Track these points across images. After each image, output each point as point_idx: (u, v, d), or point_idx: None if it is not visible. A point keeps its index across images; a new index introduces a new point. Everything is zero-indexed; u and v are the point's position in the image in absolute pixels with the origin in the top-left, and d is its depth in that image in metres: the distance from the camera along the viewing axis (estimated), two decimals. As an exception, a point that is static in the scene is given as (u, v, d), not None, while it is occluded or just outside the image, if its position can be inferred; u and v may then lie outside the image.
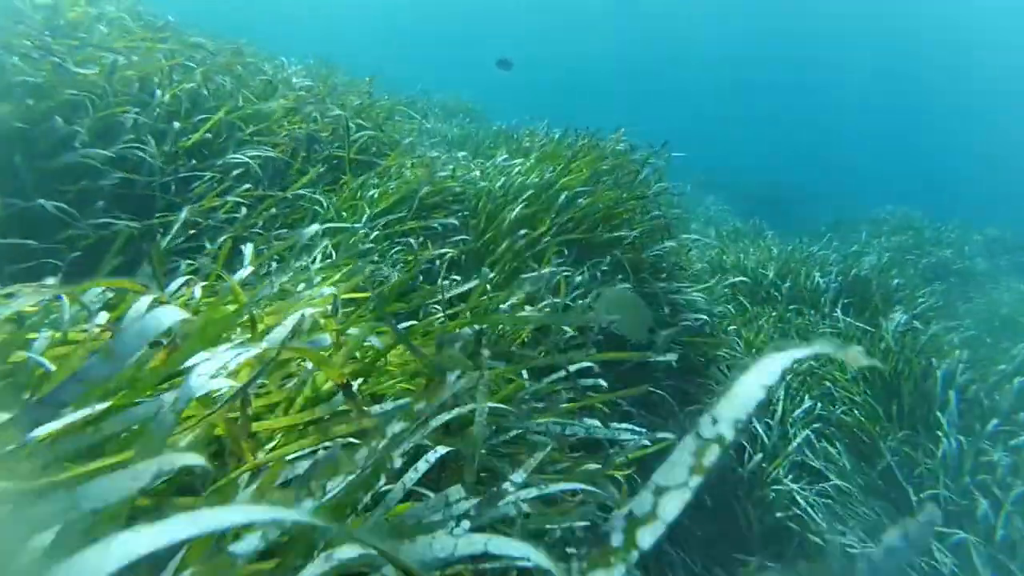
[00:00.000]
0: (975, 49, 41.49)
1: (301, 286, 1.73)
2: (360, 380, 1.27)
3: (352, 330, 1.33)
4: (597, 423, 1.48)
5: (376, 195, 2.94)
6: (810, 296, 4.15)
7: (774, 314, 3.89)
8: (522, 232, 2.81)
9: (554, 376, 1.59)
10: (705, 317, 2.97)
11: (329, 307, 1.42)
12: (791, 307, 4.04)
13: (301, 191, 2.91)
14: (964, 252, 7.58)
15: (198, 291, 1.45)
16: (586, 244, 2.90)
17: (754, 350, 3.51)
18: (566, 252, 2.87)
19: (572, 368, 1.50)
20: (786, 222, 13.15)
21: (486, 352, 1.22)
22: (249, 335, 1.23)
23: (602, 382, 1.90)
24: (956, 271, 6.94)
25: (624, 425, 1.56)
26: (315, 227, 1.90)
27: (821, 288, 4.15)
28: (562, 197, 2.96)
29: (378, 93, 8.99)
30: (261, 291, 1.50)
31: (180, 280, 1.57)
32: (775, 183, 18.67)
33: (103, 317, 1.17)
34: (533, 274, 2.69)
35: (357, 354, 1.33)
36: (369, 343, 1.28)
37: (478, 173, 3.47)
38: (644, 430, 1.55)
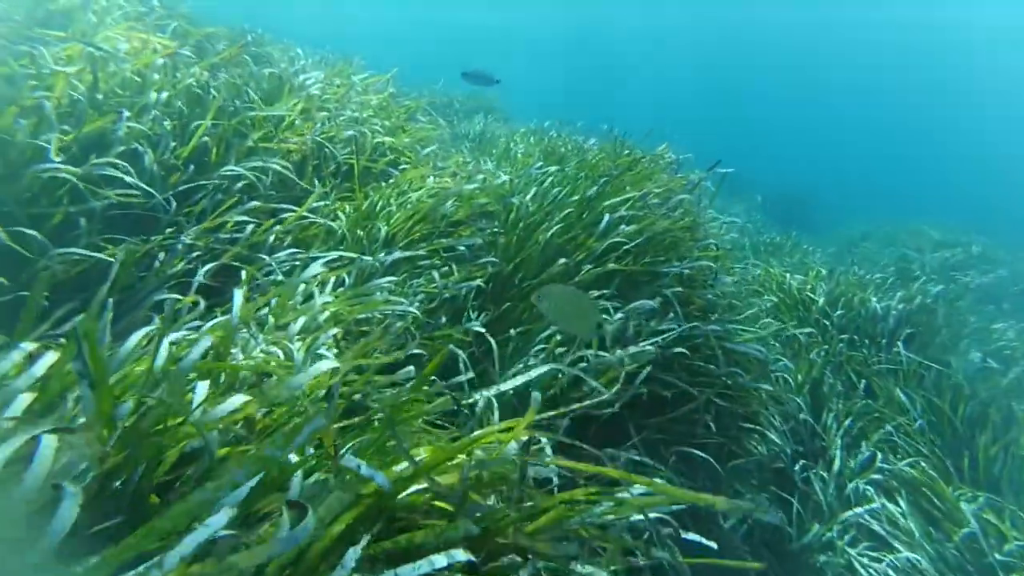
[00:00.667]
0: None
1: (296, 347, 1.47)
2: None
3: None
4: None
5: (394, 210, 2.68)
6: (865, 325, 3.82)
7: (826, 346, 3.57)
8: (560, 261, 2.54)
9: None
10: (758, 357, 2.67)
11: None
12: (843, 336, 3.71)
13: (315, 204, 2.67)
14: (1021, 273, 7.12)
15: (165, 348, 1.19)
16: (630, 276, 2.62)
17: (806, 389, 3.20)
18: (606, 285, 2.59)
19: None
20: (817, 231, 12.70)
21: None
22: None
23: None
24: (1015, 294, 6.50)
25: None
26: (316, 268, 1.65)
27: (878, 315, 3.81)
28: (604, 220, 2.67)
29: (397, 88, 8.74)
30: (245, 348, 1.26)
31: (152, 327, 1.33)
32: (800, 189, 18.20)
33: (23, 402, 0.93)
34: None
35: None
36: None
37: (507, 182, 3.20)
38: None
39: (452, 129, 7.48)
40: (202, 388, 1.03)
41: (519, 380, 1.46)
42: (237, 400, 1.02)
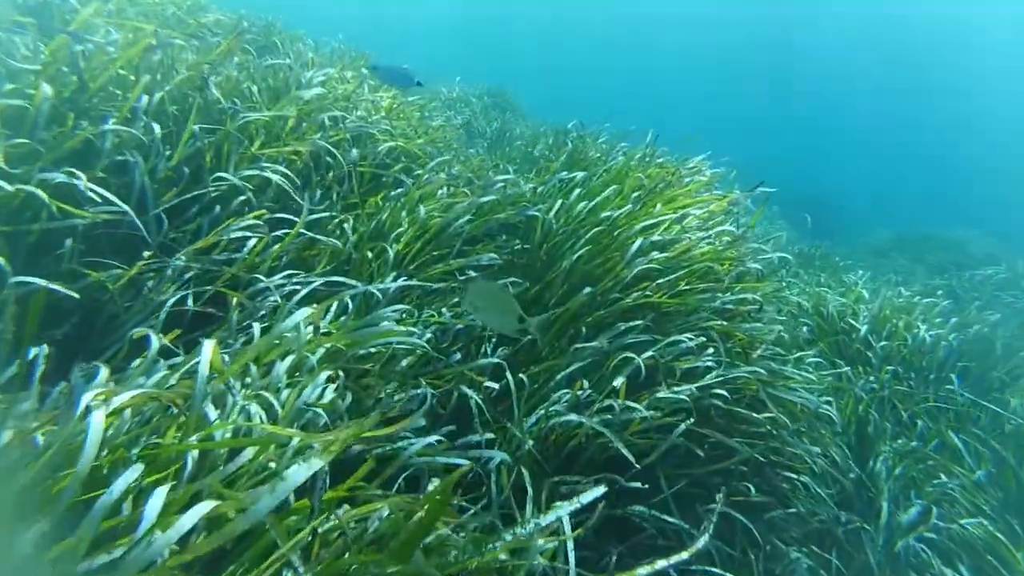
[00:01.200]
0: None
1: (284, 396, 1.27)
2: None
3: None
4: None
5: (405, 227, 2.48)
6: (912, 356, 3.55)
7: (871, 379, 3.31)
8: (585, 291, 2.31)
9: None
10: (807, 406, 2.43)
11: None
12: (888, 369, 3.44)
13: (321, 215, 2.47)
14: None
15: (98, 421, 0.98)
16: (664, 307, 2.39)
17: (853, 429, 2.95)
18: (637, 316, 2.36)
19: None
20: (839, 236, 12.28)
21: None
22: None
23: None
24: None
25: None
26: (303, 313, 1.44)
27: (927, 345, 3.53)
28: (636, 244, 2.44)
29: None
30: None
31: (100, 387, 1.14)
32: (818, 192, 17.76)
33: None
34: (594, 344, 2.21)
35: None
36: None
37: (527, 192, 2.98)
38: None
39: (468, 127, 7.26)
40: (156, 503, 0.82)
41: (552, 516, 1.25)
42: (202, 509, 0.82)
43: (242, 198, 2.25)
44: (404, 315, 2.08)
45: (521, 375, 2.05)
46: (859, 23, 42.11)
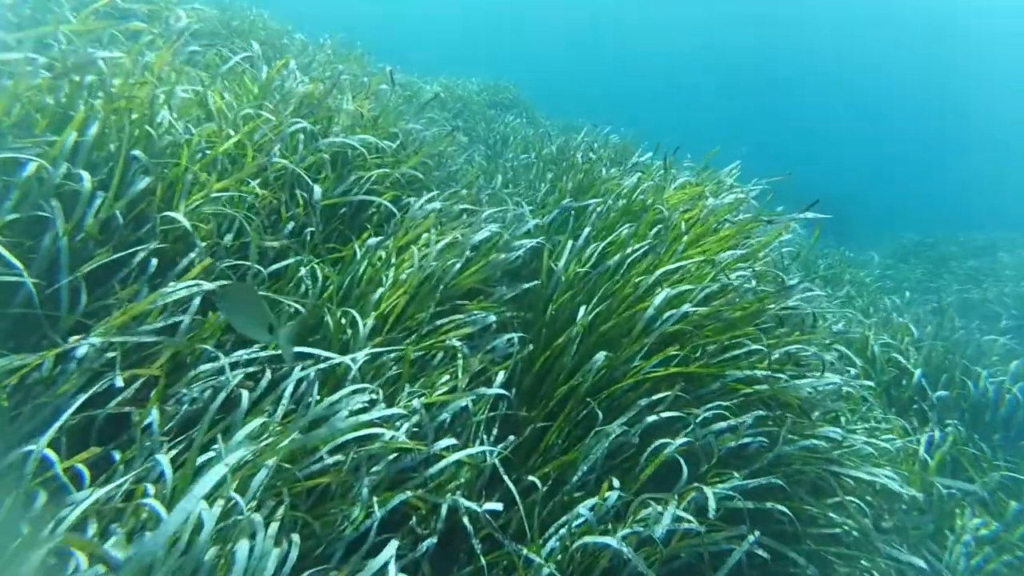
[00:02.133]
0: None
1: None
2: None
3: None
4: None
5: (387, 280, 2.12)
6: (974, 409, 3.18)
7: (929, 432, 2.93)
8: (599, 359, 1.95)
9: None
10: (889, 488, 2.06)
11: None
12: (948, 423, 3.07)
13: (289, 260, 2.12)
14: None
15: None
16: (696, 372, 2.03)
17: (923, 503, 2.58)
18: (664, 386, 2.00)
19: None
20: (856, 240, 11.81)
21: None
22: None
23: None
24: None
25: None
26: (247, 431, 1.10)
27: (990, 397, 3.16)
28: (658, 299, 2.08)
29: (405, 80, 8.11)
30: None
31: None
32: (830, 192, 17.31)
33: None
34: (613, 427, 1.85)
35: None
36: None
37: (532, 228, 2.61)
38: None
39: (469, 132, 6.88)
40: None
41: None
42: None
43: (193, 254, 1.90)
44: (379, 397, 1.73)
45: (531, 476, 1.71)
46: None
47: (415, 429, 1.70)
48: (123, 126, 2.07)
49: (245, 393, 1.53)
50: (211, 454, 1.38)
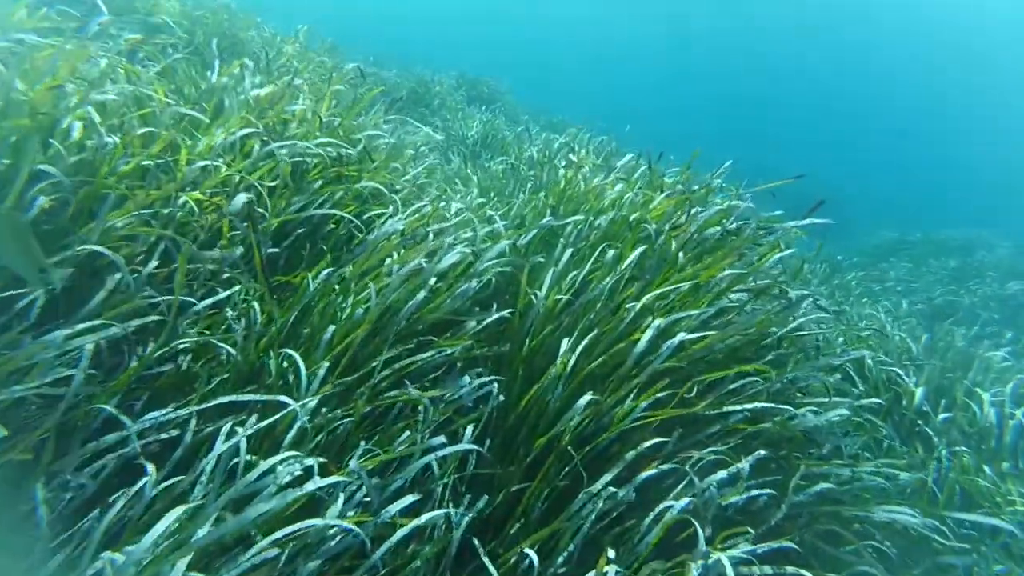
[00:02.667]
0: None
1: None
2: None
3: None
4: None
5: (343, 314, 1.85)
6: (978, 435, 3.02)
7: (935, 461, 2.76)
8: (584, 400, 1.72)
9: None
10: (918, 530, 1.86)
11: None
12: (953, 450, 2.90)
13: (223, 294, 1.84)
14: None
15: None
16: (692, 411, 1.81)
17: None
18: (658, 431, 1.78)
19: None
20: (839, 239, 11.78)
21: None
22: None
23: None
24: None
25: None
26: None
27: (992, 422, 3.01)
28: (647, 336, 1.84)
29: (379, 74, 7.76)
30: None
31: None
32: (808, 195, 17.45)
33: None
34: (601, 487, 1.62)
35: None
36: None
37: (506, 249, 2.36)
38: None
39: (446, 130, 6.59)
40: None
41: None
42: None
43: (109, 286, 1.61)
44: (321, 457, 1.46)
45: (510, 553, 1.47)
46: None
47: (366, 499, 1.45)
48: (26, 136, 1.77)
49: (151, 472, 1.25)
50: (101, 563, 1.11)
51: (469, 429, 1.63)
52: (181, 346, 1.63)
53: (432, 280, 1.92)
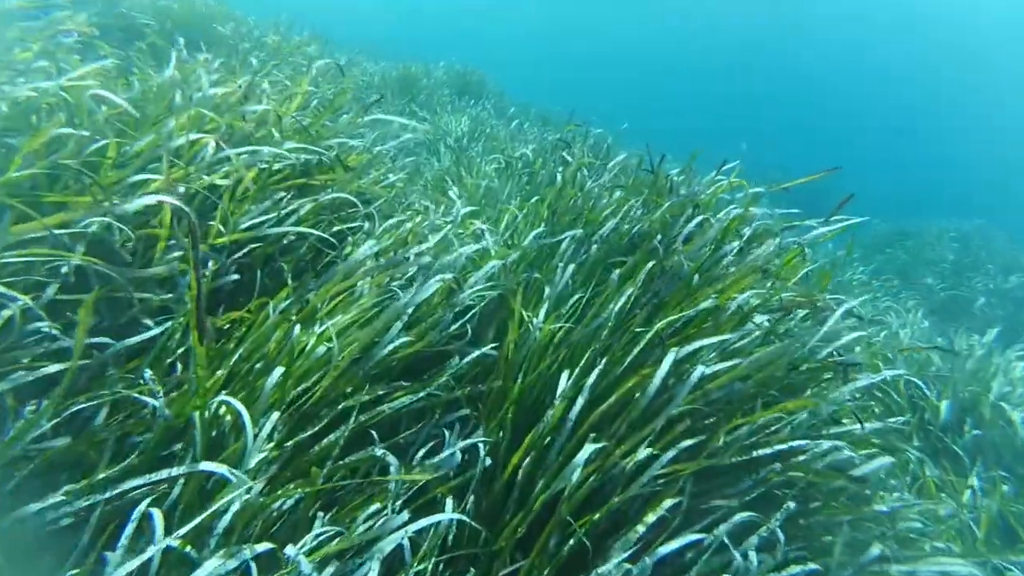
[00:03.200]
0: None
1: None
2: None
3: None
4: None
5: (299, 360, 1.54)
6: (1007, 448, 2.78)
7: (969, 488, 2.50)
8: (587, 452, 1.43)
9: None
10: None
11: None
12: (980, 468, 2.65)
13: (154, 331, 1.53)
14: None
15: None
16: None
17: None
18: (670, 486, 1.49)
19: None
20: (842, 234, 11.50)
21: None
22: None
23: None
24: None
25: None
26: None
27: (1020, 439, 2.76)
28: (659, 375, 1.55)
29: (363, 67, 7.39)
30: None
31: None
32: (805, 187, 17.30)
33: None
34: (612, 567, 1.33)
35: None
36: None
37: (497, 270, 2.05)
38: None
39: (434, 123, 6.24)
40: None
41: None
42: None
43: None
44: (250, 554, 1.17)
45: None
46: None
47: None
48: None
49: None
50: None
51: (450, 501, 1.34)
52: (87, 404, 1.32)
53: (406, 315, 1.62)
